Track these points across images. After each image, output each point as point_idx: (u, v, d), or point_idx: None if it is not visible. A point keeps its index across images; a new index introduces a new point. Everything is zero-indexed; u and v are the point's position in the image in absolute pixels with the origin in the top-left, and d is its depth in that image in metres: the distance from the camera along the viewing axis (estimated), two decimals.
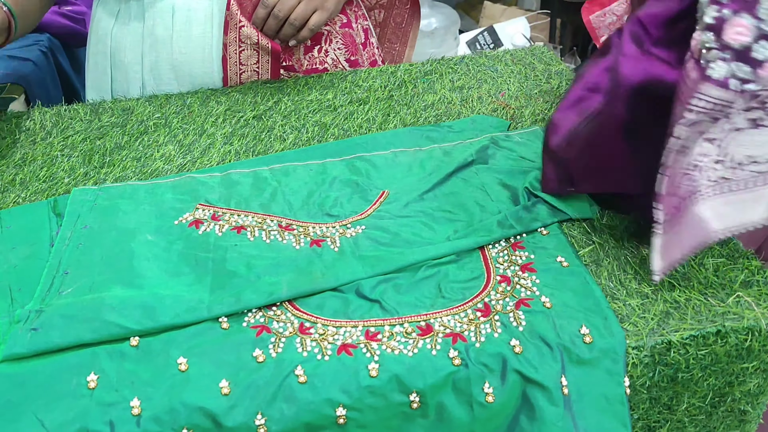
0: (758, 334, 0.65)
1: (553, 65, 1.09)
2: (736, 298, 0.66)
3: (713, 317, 0.64)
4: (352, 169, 0.85)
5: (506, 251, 0.72)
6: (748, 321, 0.64)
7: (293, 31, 1.06)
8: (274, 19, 1.05)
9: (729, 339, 0.64)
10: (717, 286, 0.68)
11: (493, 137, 0.89)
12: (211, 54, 1.08)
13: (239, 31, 1.05)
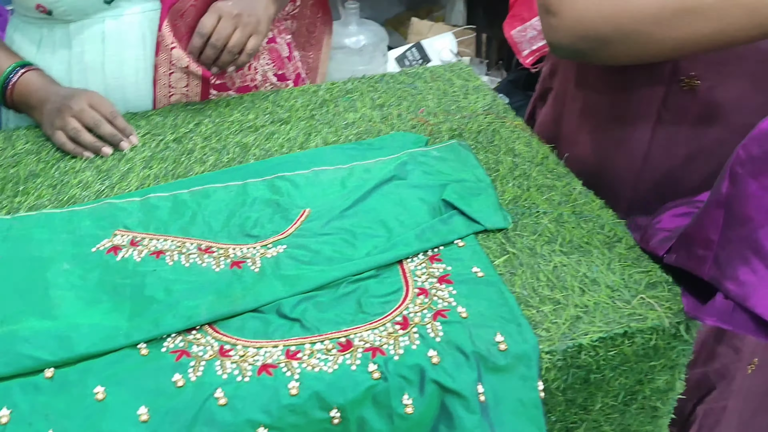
0: (662, 333, 0.68)
1: (471, 81, 1.12)
2: (640, 300, 0.70)
3: (620, 319, 0.67)
4: (273, 189, 0.86)
5: (424, 264, 0.74)
6: (652, 321, 0.67)
7: (232, 58, 1.05)
8: (211, 48, 1.04)
9: (635, 339, 0.67)
10: (623, 289, 0.71)
11: (412, 153, 0.91)
12: (145, 77, 1.07)
13: (170, 52, 1.05)
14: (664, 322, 0.68)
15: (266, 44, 1.20)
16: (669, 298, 0.70)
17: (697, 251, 0.67)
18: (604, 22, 0.74)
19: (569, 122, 0.97)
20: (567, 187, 0.86)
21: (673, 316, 0.68)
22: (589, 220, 0.81)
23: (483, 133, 0.97)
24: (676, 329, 0.68)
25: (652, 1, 0.71)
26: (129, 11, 1.04)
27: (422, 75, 1.14)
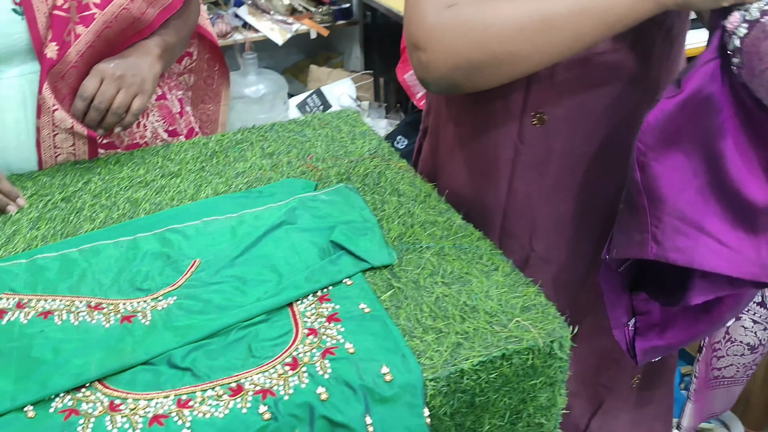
0: (538, 352, 0.73)
1: (358, 127, 1.17)
2: (516, 323, 0.75)
3: (498, 342, 0.72)
4: (163, 241, 0.87)
5: (314, 305, 0.77)
6: (527, 342, 0.72)
7: (117, 119, 1.06)
8: (95, 111, 1.04)
9: (513, 360, 0.72)
10: (501, 314, 0.76)
11: (301, 198, 0.94)
12: (27, 139, 1.06)
13: (53, 115, 1.05)
14: (539, 342, 0.73)
15: (156, 101, 1.22)
16: (542, 319, 0.75)
17: (635, 237, 0.75)
18: (474, 49, 0.78)
19: (443, 157, 1.03)
20: (448, 222, 0.91)
21: (547, 336, 0.73)
22: (468, 251, 0.86)
23: (369, 176, 1.02)
24: (550, 348, 0.73)
25: (513, 22, 0.76)
26: (7, 75, 1.04)
27: (311, 123, 1.18)
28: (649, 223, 0.74)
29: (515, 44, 0.76)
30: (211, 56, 1.46)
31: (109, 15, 1.08)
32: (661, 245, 0.74)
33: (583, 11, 0.74)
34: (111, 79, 1.05)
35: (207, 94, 1.52)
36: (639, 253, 0.76)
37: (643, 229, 0.75)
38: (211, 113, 1.54)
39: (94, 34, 1.07)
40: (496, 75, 0.80)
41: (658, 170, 0.73)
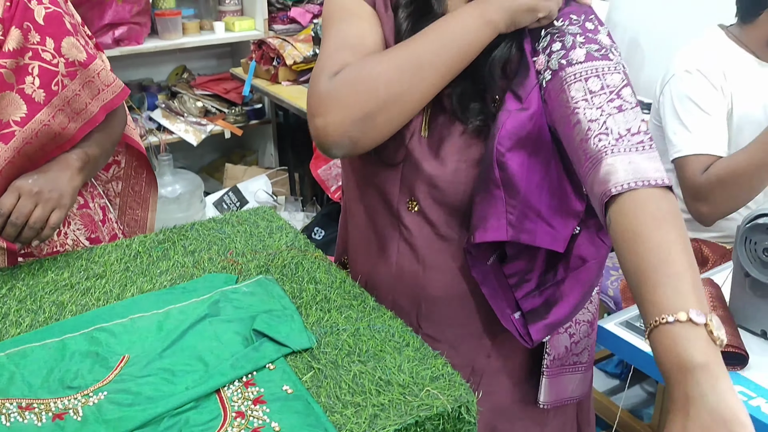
0: (447, 417, 0.80)
1: (275, 221, 1.25)
2: (427, 392, 0.82)
3: (411, 411, 0.79)
4: (92, 340, 0.91)
5: (240, 390, 0.82)
6: (437, 409, 0.80)
7: (35, 233, 1.10)
8: (12, 226, 1.09)
9: (426, 426, 0.79)
10: (412, 385, 0.83)
11: (224, 291, 1.00)
12: None
13: None
14: (448, 407, 0.80)
15: (77, 209, 1.26)
16: (449, 386, 0.83)
17: (493, 224, 0.91)
18: (365, 100, 0.87)
19: (351, 237, 1.13)
20: (362, 305, 0.99)
21: (455, 402, 0.81)
22: (381, 330, 0.94)
23: (287, 267, 1.09)
24: (458, 412, 0.81)
25: (392, 67, 0.88)
26: None
27: (229, 220, 1.26)
28: (506, 211, 0.90)
29: (398, 85, 0.88)
30: (139, 164, 1.51)
31: (29, 132, 1.13)
32: (516, 229, 0.91)
33: (444, 46, 0.89)
34: (28, 195, 1.10)
35: (135, 200, 1.56)
36: (496, 236, 0.91)
37: (500, 216, 0.90)
38: (140, 219, 1.58)
39: (14, 151, 1.12)
40: (388, 120, 0.89)
41: (513, 167, 0.89)
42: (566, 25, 0.90)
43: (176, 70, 3.32)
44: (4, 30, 1.10)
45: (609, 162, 0.80)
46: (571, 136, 0.86)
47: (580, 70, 0.86)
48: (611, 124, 0.82)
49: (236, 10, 3.18)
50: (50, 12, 1.13)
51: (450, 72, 0.90)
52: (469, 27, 0.89)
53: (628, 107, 0.84)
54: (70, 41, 1.15)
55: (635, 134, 0.82)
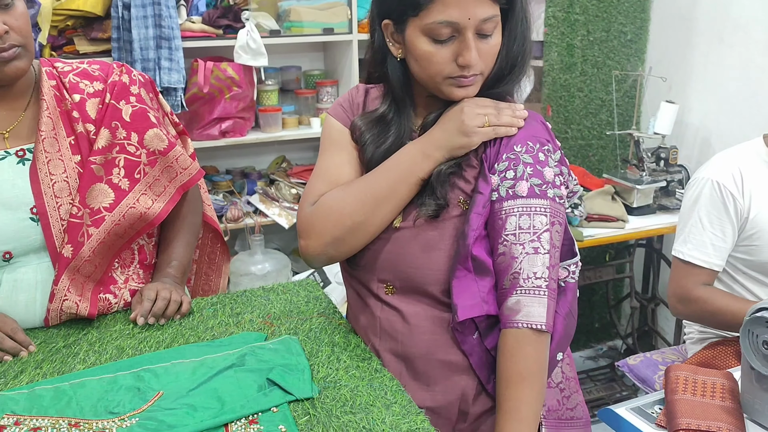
0: None
1: (314, 292, 1.42)
2: None
3: None
4: (137, 378, 1.09)
5: (244, 426, 0.97)
6: None
7: (173, 309, 1.33)
8: (162, 300, 1.31)
9: None
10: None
11: (251, 347, 1.17)
12: (35, 318, 1.30)
13: (62, 302, 1.28)
14: None
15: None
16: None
17: (469, 302, 1.10)
18: (334, 228, 1.13)
19: (351, 307, 1.28)
20: (367, 366, 1.13)
21: None
22: (378, 388, 1.07)
23: (312, 330, 1.25)
24: None
25: (355, 201, 1.12)
26: (23, 264, 1.28)
27: (275, 289, 1.44)
28: (478, 290, 1.09)
29: (360, 215, 1.12)
30: (214, 235, 1.73)
31: (117, 215, 1.33)
32: (487, 303, 1.09)
33: (395, 179, 1.11)
34: (162, 288, 1.34)
35: (210, 267, 1.77)
36: (477, 311, 1.08)
37: (474, 295, 1.09)
38: (213, 284, 1.79)
39: (105, 233, 1.32)
40: (356, 240, 1.14)
41: (480, 255, 1.09)
42: (523, 152, 1.10)
43: (276, 160, 3.64)
44: (96, 130, 1.32)
45: (513, 300, 1.07)
46: (495, 255, 1.10)
47: (519, 205, 1.07)
48: (525, 266, 1.06)
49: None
50: (136, 110, 1.36)
51: (403, 199, 1.13)
52: (413, 161, 1.11)
53: (541, 251, 1.06)
54: (152, 133, 1.37)
55: (538, 278, 1.06)
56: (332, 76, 3.54)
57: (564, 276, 1.16)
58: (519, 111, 1.12)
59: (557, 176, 1.10)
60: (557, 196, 1.09)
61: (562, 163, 1.13)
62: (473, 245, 1.08)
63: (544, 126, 1.15)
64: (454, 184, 1.13)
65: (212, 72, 3.00)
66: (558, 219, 1.09)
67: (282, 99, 3.42)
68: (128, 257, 1.42)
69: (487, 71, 1.11)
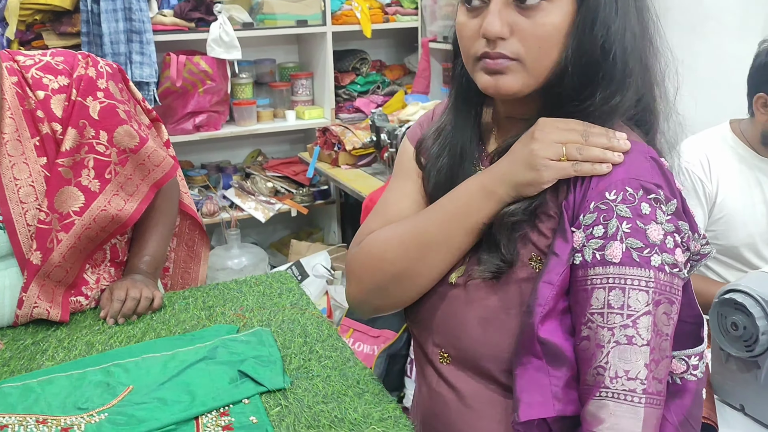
0: None
1: (287, 284, 1.41)
2: (372, 428, 0.94)
3: None
4: (107, 373, 1.08)
5: (215, 418, 0.97)
6: None
7: (144, 307, 1.30)
8: (132, 300, 1.28)
9: None
10: (361, 423, 0.95)
11: (223, 339, 1.16)
12: (2, 321, 1.27)
13: (32, 309, 1.25)
14: None
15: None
16: (394, 426, 0.95)
17: (537, 398, 0.81)
18: (375, 275, 0.92)
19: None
20: (340, 356, 1.12)
21: None
22: (350, 378, 1.06)
23: (285, 322, 1.24)
24: None
25: (398, 244, 0.89)
26: None
27: (249, 282, 1.43)
28: (550, 383, 0.80)
29: (404, 261, 0.89)
30: (192, 223, 1.69)
31: (87, 219, 1.28)
32: (561, 401, 0.80)
33: (447, 221, 0.87)
34: (132, 285, 1.31)
35: (188, 255, 1.74)
36: (545, 412, 0.80)
37: (545, 389, 0.80)
38: (192, 272, 1.76)
39: (75, 237, 1.27)
40: (401, 292, 0.92)
41: (548, 336, 0.80)
42: (618, 201, 0.79)
43: (252, 153, 3.62)
44: (63, 130, 1.25)
45: (596, 405, 0.77)
46: (578, 338, 0.81)
47: (609, 274, 0.78)
48: (613, 360, 0.77)
49: (307, 100, 3.48)
50: (105, 106, 1.30)
51: (457, 247, 0.87)
52: (471, 199, 0.86)
53: (637, 342, 0.76)
54: (123, 130, 1.31)
55: (630, 379, 0.76)
56: (307, 68, 3.53)
57: (681, 371, 0.84)
58: (619, 141, 0.82)
59: (669, 235, 0.79)
60: (668, 264, 0.78)
61: (679, 217, 0.81)
62: (542, 325, 0.80)
63: (655, 164, 0.83)
64: (525, 236, 0.85)
65: (185, 66, 2.97)
66: (667, 296, 0.78)
67: (257, 92, 3.40)
68: (99, 257, 1.39)
69: (530, 59, 0.82)
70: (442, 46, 3.33)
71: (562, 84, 0.83)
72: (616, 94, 0.83)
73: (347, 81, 3.49)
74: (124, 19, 2.70)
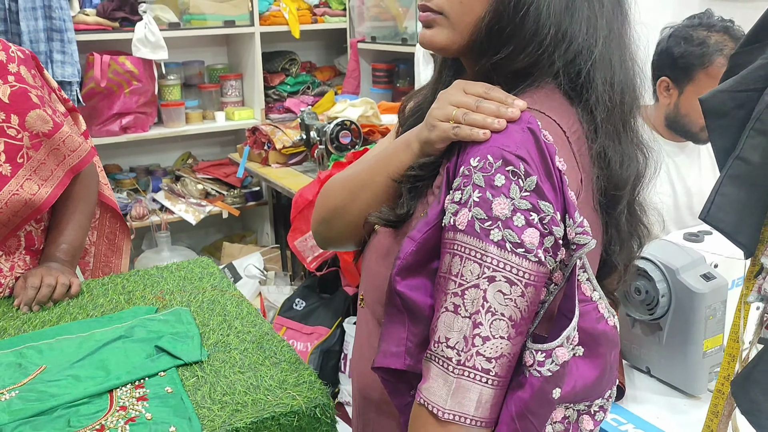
0: (302, 415, 0.93)
1: (209, 269, 1.42)
2: (288, 394, 0.95)
3: (268, 408, 0.92)
4: (19, 355, 1.06)
5: (129, 390, 0.97)
6: (293, 407, 0.93)
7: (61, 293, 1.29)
8: (47, 287, 1.27)
9: (281, 421, 0.92)
10: (277, 389, 0.97)
11: (141, 319, 1.16)
12: None
13: None
14: (303, 407, 0.93)
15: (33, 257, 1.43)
16: (309, 390, 0.96)
17: (392, 350, 0.82)
18: (323, 207, 0.99)
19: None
20: (258, 331, 1.13)
21: (310, 402, 0.94)
22: (267, 349, 1.08)
23: (206, 303, 1.25)
24: (313, 412, 0.94)
25: (339, 183, 0.97)
26: None
27: (170, 268, 1.42)
28: (407, 338, 0.81)
29: (339, 199, 0.96)
30: (113, 215, 1.68)
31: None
32: (414, 357, 0.80)
33: (373, 168, 0.92)
34: (47, 273, 1.29)
35: (109, 248, 1.71)
36: (395, 363, 0.81)
37: (401, 343, 0.81)
38: (113, 265, 1.73)
39: None
40: (340, 226, 0.97)
41: (405, 290, 0.81)
42: (478, 168, 0.76)
43: (182, 156, 3.59)
44: None
45: (425, 364, 0.78)
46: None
47: (455, 240, 0.76)
48: (439, 324, 0.76)
49: (237, 101, 3.47)
50: (15, 90, 1.29)
51: (380, 190, 0.91)
52: (395, 150, 0.90)
53: (461, 312, 0.75)
54: (35, 114, 1.31)
55: (449, 347, 0.75)
56: (236, 69, 3.52)
57: (529, 363, 0.78)
58: (508, 109, 0.80)
59: (521, 213, 0.74)
60: (510, 242, 0.74)
61: (541, 197, 0.75)
62: (402, 278, 0.80)
63: (531, 136, 0.78)
64: (422, 192, 0.87)
65: (109, 66, 2.93)
66: (506, 275, 0.74)
67: (185, 94, 3.37)
68: (13, 244, 1.37)
69: (454, 13, 0.83)
70: (371, 47, 3.38)
71: (481, 41, 0.83)
72: (519, 54, 0.82)
73: (277, 82, 3.50)
74: (44, 17, 2.65)
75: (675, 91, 1.65)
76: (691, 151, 1.78)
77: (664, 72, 1.65)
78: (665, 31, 1.66)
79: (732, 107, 0.93)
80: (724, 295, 1.22)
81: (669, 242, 1.30)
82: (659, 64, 1.66)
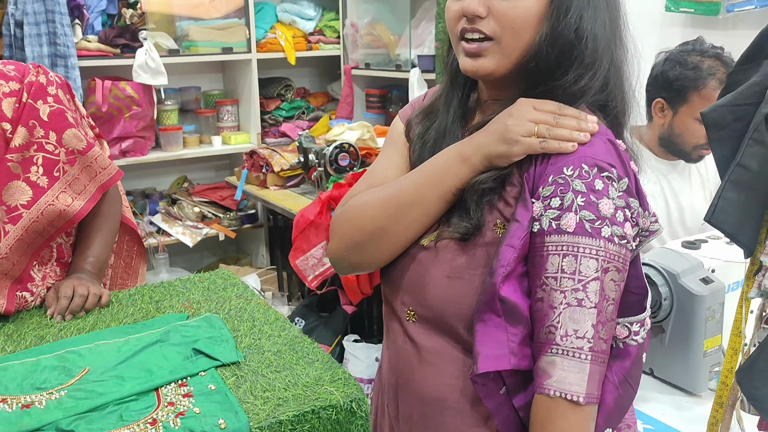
0: (340, 409, 0.99)
1: (230, 280, 1.47)
2: (325, 389, 1.02)
3: (308, 402, 0.98)
4: (62, 359, 1.11)
5: (174, 388, 1.02)
6: (331, 401, 0.99)
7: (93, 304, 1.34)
8: (80, 297, 1.31)
9: (321, 414, 0.98)
10: (314, 385, 1.03)
11: (174, 325, 1.21)
12: None
13: None
14: (341, 401, 0.99)
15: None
16: (344, 385, 1.02)
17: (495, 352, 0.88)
18: (354, 231, 0.98)
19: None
20: (288, 334, 1.19)
21: (347, 397, 1.00)
22: (299, 351, 1.14)
23: (233, 310, 1.30)
24: (350, 406, 1.00)
25: (377, 204, 0.96)
26: None
27: (192, 280, 1.48)
28: (507, 339, 0.88)
29: (382, 220, 0.96)
30: (131, 239, 1.73)
31: (35, 212, 1.33)
32: (517, 356, 0.88)
33: (425, 184, 0.94)
34: (79, 284, 1.34)
35: (126, 271, 1.75)
36: (501, 365, 0.87)
37: (502, 345, 0.88)
38: (129, 287, 1.77)
39: (22, 230, 1.32)
40: (378, 249, 0.98)
41: (508, 295, 0.87)
42: (574, 176, 0.86)
43: (178, 180, 3.64)
44: (12, 129, 1.32)
45: (547, 360, 0.85)
46: (533, 300, 0.88)
47: (564, 242, 0.85)
48: (564, 320, 0.84)
49: (233, 126, 3.54)
50: (54, 110, 1.37)
51: (432, 208, 0.94)
52: (447, 165, 0.93)
53: (586, 304, 0.84)
54: (71, 132, 1.38)
55: (579, 338, 0.84)
56: (232, 95, 3.60)
57: (624, 336, 0.91)
58: (588, 124, 0.89)
59: (620, 210, 0.86)
60: (617, 236, 0.85)
61: (630, 194, 0.88)
62: (503, 284, 0.87)
63: (611, 146, 0.90)
64: (492, 203, 0.92)
65: (110, 91, 3.00)
66: (615, 265, 0.85)
67: (182, 119, 3.44)
68: (46, 255, 1.43)
69: (505, 38, 0.89)
70: (364, 73, 3.48)
71: (536, 66, 0.90)
72: (584, 77, 0.91)
73: (272, 107, 3.58)
74: (49, 43, 2.72)
75: (669, 112, 1.75)
76: (683, 169, 1.88)
77: (660, 94, 1.75)
78: (660, 56, 1.77)
79: (731, 120, 1.02)
80: (722, 297, 1.31)
81: (669, 249, 1.38)
82: (654, 86, 1.76)
